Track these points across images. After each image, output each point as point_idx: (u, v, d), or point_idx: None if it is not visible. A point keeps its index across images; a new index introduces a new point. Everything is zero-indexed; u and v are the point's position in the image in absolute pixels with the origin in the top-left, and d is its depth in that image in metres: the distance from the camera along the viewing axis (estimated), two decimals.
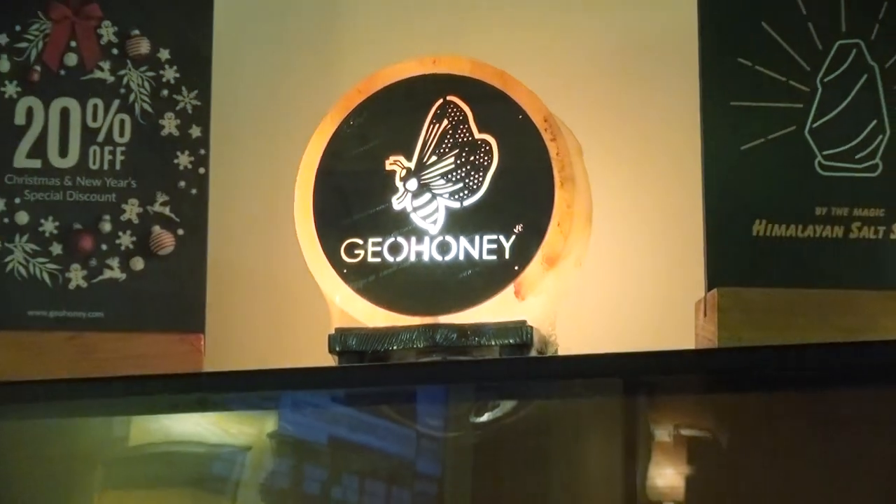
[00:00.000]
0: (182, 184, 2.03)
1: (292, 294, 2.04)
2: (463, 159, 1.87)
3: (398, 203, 1.88)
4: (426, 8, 2.27)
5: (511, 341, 1.81)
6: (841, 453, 1.84)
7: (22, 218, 2.00)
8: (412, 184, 1.87)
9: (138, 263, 2.01)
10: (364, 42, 2.25)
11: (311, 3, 2.30)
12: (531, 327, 1.81)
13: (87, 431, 2.09)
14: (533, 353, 1.83)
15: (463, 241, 1.85)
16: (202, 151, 2.05)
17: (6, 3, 2.06)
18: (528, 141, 1.85)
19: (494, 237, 1.84)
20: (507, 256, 1.83)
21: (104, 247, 2.00)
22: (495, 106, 1.88)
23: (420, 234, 1.87)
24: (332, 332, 1.87)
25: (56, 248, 2.00)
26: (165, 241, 2.01)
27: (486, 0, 2.26)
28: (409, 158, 1.89)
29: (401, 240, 1.87)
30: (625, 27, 2.18)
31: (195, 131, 2.04)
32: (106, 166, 2.03)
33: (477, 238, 1.85)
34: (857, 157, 1.80)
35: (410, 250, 1.86)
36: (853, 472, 1.83)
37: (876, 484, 1.82)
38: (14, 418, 2.07)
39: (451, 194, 1.87)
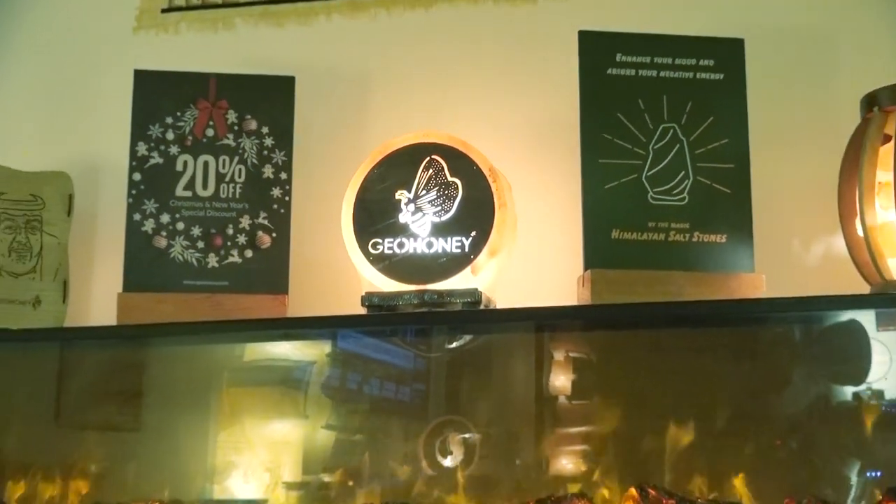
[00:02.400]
0: (275, 206, 2.06)
1: (338, 272, 2.02)
2: (441, 193, 1.91)
3: (402, 218, 1.91)
4: (419, 96, 2.24)
5: (469, 300, 1.86)
6: (660, 368, 1.94)
7: (179, 226, 2.04)
8: (411, 207, 1.91)
9: (249, 253, 2.04)
10: (384, 119, 2.23)
11: (353, 97, 2.27)
12: (481, 292, 1.86)
13: (218, 352, 2.14)
14: (481, 307, 1.86)
15: (441, 241, 1.89)
16: (287, 188, 2.08)
17: (173, 99, 2.08)
18: (479, 182, 1.89)
19: (459, 239, 1.88)
20: (466, 250, 1.87)
21: (228, 243, 2.04)
22: (460, 161, 1.91)
23: (415, 237, 1.90)
24: (363, 294, 1.90)
25: (200, 244, 2.04)
26: (265, 240, 2.05)
27: (457, 89, 2.22)
28: (409, 192, 1.92)
29: (403, 240, 1.90)
30: (541, 111, 2.15)
31: (282, 175, 2.08)
32: (230, 196, 2.06)
33: (449, 239, 1.88)
34: (673, 193, 1.85)
35: (409, 246, 1.90)
36: (667, 379, 1.93)
37: (681, 387, 1.92)
38: (175, 345, 2.13)
39: (434, 213, 1.90)
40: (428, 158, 1.94)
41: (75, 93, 2.41)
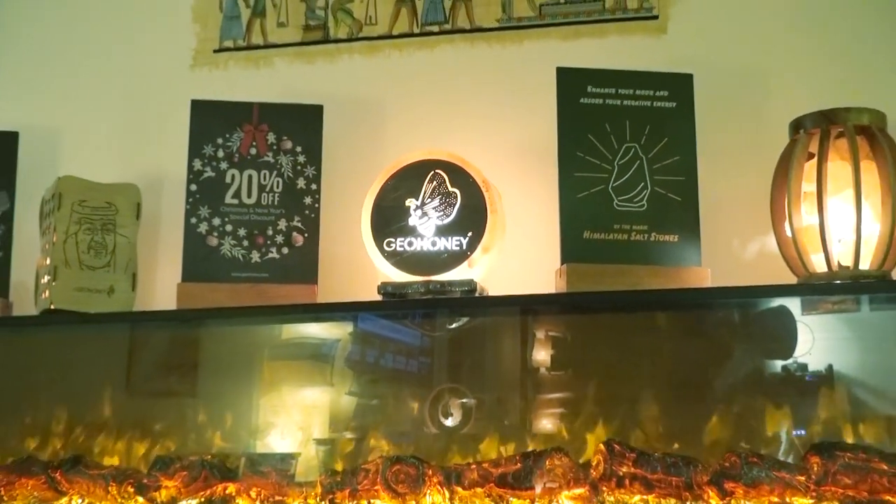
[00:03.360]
0: (306, 212, 2.06)
1: (358, 265, 2.01)
2: (443, 201, 1.91)
3: (411, 221, 1.92)
4: (425, 121, 2.24)
5: (466, 289, 1.87)
6: (624, 345, 1.94)
7: (228, 228, 2.04)
8: (418, 212, 1.92)
9: (285, 250, 2.04)
10: (396, 140, 2.21)
11: (371, 122, 2.26)
12: (476, 282, 1.88)
13: (260, 332, 2.13)
14: (476, 295, 1.88)
15: (443, 240, 1.90)
16: (316, 196, 2.07)
17: (222, 123, 2.08)
18: (475, 192, 1.90)
19: (458, 238, 1.89)
20: (464, 248, 1.88)
21: (268, 242, 2.04)
22: (459, 175, 1.92)
23: (422, 237, 1.91)
24: (379, 283, 1.91)
25: (245, 243, 2.04)
26: (298, 239, 2.05)
27: (456, 114, 2.21)
28: (417, 199, 1.93)
29: (412, 239, 1.91)
30: (526, 133, 2.14)
31: (313, 186, 2.08)
32: (269, 203, 2.06)
33: (450, 239, 1.89)
34: (634, 200, 1.86)
35: (417, 244, 1.91)
36: (630, 354, 1.93)
37: (641, 361, 1.93)
38: (224, 325, 2.13)
39: (437, 217, 1.91)
40: (432, 172, 1.95)
41: (143, 118, 2.41)
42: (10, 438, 2.12)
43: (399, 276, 1.92)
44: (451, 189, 1.93)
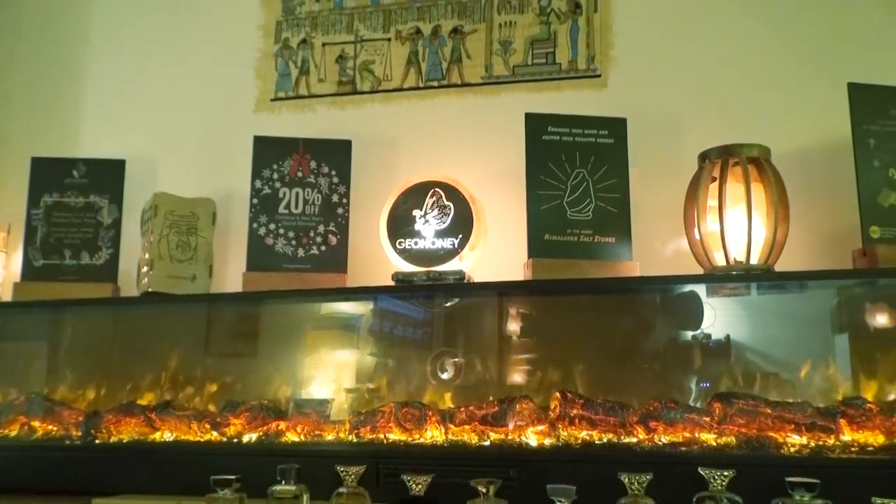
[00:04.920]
0: (339, 219, 2.06)
1: (377, 259, 2.00)
2: (440, 211, 1.92)
3: (416, 227, 1.92)
4: (427, 152, 2.21)
5: (457, 277, 1.88)
6: (575, 319, 1.92)
7: (280, 231, 2.04)
8: (422, 220, 1.92)
9: (322, 247, 2.04)
10: (405, 166, 2.19)
11: (386, 153, 2.24)
12: (464, 272, 1.89)
13: (304, 308, 2.09)
14: (465, 281, 1.89)
15: (440, 241, 1.90)
16: (346, 205, 2.07)
17: (276, 153, 2.08)
18: (464, 205, 1.91)
19: (451, 239, 1.89)
20: (456, 246, 1.88)
21: (310, 242, 2.04)
22: (452, 192, 1.92)
23: (424, 238, 1.91)
24: (393, 273, 1.91)
25: (293, 242, 2.04)
26: (332, 239, 2.04)
27: (451, 147, 2.19)
28: (420, 210, 1.93)
29: (417, 240, 1.91)
30: (502, 161, 2.10)
31: (343, 200, 2.07)
32: (311, 213, 2.05)
33: (445, 240, 1.90)
34: (582, 211, 1.85)
35: (421, 244, 1.91)
36: (579, 326, 1.91)
37: (587, 331, 1.91)
38: (275, 305, 2.09)
39: (436, 224, 1.91)
40: (432, 190, 1.96)
41: (218, 149, 2.40)
42: (117, 389, 2.11)
43: (408, 268, 1.93)
44: (446, 203, 1.94)
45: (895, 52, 1.96)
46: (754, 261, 1.70)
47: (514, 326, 1.93)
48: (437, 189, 1.95)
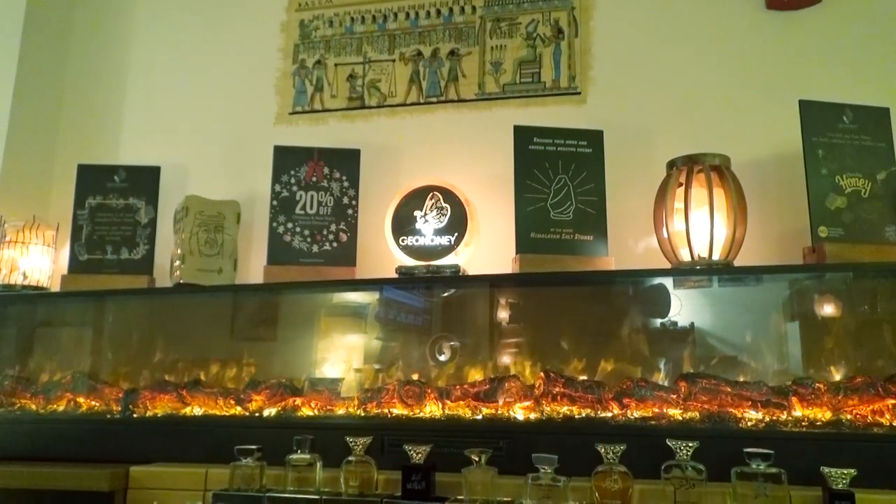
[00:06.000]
0: (349, 219, 2.04)
1: (383, 254, 1.98)
2: (438, 212, 1.90)
3: (417, 225, 1.91)
4: (427, 160, 2.18)
5: (453, 270, 1.87)
6: (557, 307, 1.90)
7: (295, 230, 2.02)
8: (422, 220, 1.91)
9: (335, 244, 2.01)
10: (407, 172, 2.17)
11: (391, 161, 2.21)
12: (460, 265, 1.87)
13: (318, 298, 2.06)
14: (460, 274, 1.87)
15: (438, 238, 1.88)
16: (355, 206, 2.04)
17: (294, 161, 2.06)
18: (459, 207, 1.89)
19: (448, 237, 1.88)
20: (452, 243, 1.87)
21: (323, 239, 2.02)
22: (449, 195, 1.91)
23: (424, 235, 1.89)
24: (396, 266, 1.90)
25: (308, 239, 2.02)
26: (343, 237, 2.02)
27: (448, 155, 2.16)
28: (421, 211, 1.91)
29: (418, 237, 1.89)
30: (493, 167, 2.07)
31: (353, 202, 2.05)
32: (325, 213, 2.03)
33: (443, 237, 1.88)
34: (564, 213, 1.83)
35: (421, 241, 1.89)
36: (560, 314, 1.89)
37: (567, 318, 1.90)
38: (292, 294, 2.07)
39: (435, 223, 1.90)
40: (431, 193, 1.94)
41: (242, 157, 2.37)
42: (152, 369, 2.09)
43: (409, 262, 1.91)
44: (444, 205, 1.93)
45: (841, 73, 1.95)
46: (716, 257, 1.69)
47: (503, 314, 1.91)
48: (435, 192, 1.93)
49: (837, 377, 1.61)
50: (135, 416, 1.94)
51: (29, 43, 2.46)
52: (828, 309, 1.70)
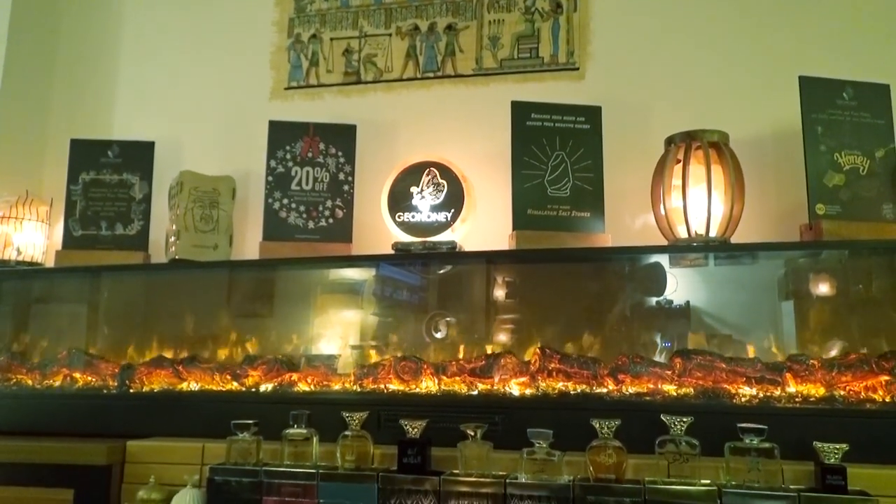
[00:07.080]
0: (345, 195, 2.02)
1: (379, 230, 1.96)
2: (435, 188, 1.89)
3: (414, 202, 1.89)
4: (424, 135, 2.16)
5: (450, 246, 1.86)
6: (554, 284, 1.90)
7: (291, 206, 2.01)
8: (419, 196, 1.89)
9: (330, 220, 2.00)
10: (404, 148, 2.14)
11: (387, 136, 2.18)
12: (456, 242, 1.86)
13: (314, 274, 2.05)
14: (456, 250, 1.87)
15: (435, 214, 1.87)
16: (351, 182, 2.03)
17: (290, 136, 2.04)
18: (456, 183, 1.88)
19: (445, 213, 1.87)
20: (449, 219, 1.86)
21: (319, 215, 2.00)
22: (446, 171, 1.89)
23: (421, 212, 1.88)
24: (393, 242, 1.90)
25: (304, 215, 2.01)
26: (339, 213, 2.01)
27: (445, 131, 2.13)
28: (417, 187, 1.90)
29: (414, 213, 1.88)
30: (491, 144, 2.05)
31: (349, 178, 2.03)
32: (320, 189, 2.02)
33: (440, 213, 1.87)
34: (561, 189, 1.82)
35: (418, 217, 1.88)
36: (557, 290, 1.89)
37: (564, 295, 1.89)
38: (288, 270, 2.06)
39: (431, 199, 1.88)
40: (428, 169, 1.93)
41: (237, 132, 2.34)
42: (148, 344, 2.08)
43: (406, 238, 1.90)
44: (440, 181, 1.91)
45: (841, 48, 1.93)
46: (713, 234, 1.68)
47: (499, 291, 1.91)
48: (432, 168, 1.92)
49: (831, 354, 1.61)
50: (131, 391, 1.94)
51: (19, 15, 2.42)
52: (823, 287, 1.70)
